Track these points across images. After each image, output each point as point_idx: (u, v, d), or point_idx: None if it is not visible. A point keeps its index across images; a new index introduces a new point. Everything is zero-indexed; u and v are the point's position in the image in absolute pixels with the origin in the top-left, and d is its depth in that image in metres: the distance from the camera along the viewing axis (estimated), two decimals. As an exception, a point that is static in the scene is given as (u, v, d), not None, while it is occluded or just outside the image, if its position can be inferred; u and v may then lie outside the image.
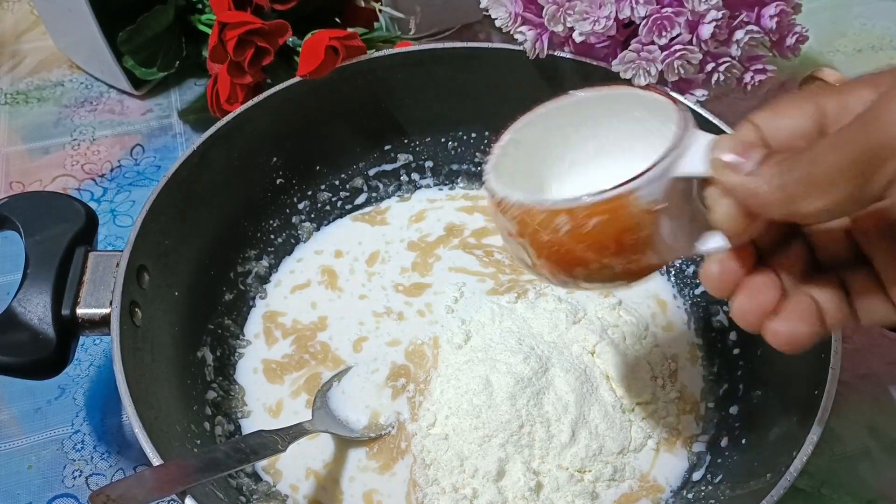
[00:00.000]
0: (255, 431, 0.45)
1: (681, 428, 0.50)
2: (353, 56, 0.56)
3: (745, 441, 0.47)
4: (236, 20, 0.56)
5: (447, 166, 0.63)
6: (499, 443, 0.46)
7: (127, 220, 0.63)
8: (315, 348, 0.54)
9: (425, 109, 0.60)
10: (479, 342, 0.51)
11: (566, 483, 0.46)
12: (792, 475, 0.38)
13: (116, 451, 0.50)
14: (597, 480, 0.47)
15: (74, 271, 0.44)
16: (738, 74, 0.53)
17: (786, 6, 0.53)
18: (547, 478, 0.46)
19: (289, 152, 0.57)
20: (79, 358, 0.54)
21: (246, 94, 0.58)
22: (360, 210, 0.62)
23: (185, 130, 0.70)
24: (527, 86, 0.58)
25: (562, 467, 0.47)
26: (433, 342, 0.53)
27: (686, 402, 0.51)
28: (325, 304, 0.56)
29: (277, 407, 0.51)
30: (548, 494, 0.46)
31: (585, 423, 0.48)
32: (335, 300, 0.56)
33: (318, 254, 0.59)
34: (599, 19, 0.50)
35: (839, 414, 0.51)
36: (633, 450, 0.48)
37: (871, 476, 0.50)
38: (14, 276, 0.50)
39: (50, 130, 0.71)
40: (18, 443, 0.51)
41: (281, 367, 0.53)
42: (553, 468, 0.46)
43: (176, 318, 0.49)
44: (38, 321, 0.42)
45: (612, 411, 0.49)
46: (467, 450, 0.46)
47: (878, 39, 0.80)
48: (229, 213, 0.55)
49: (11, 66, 0.77)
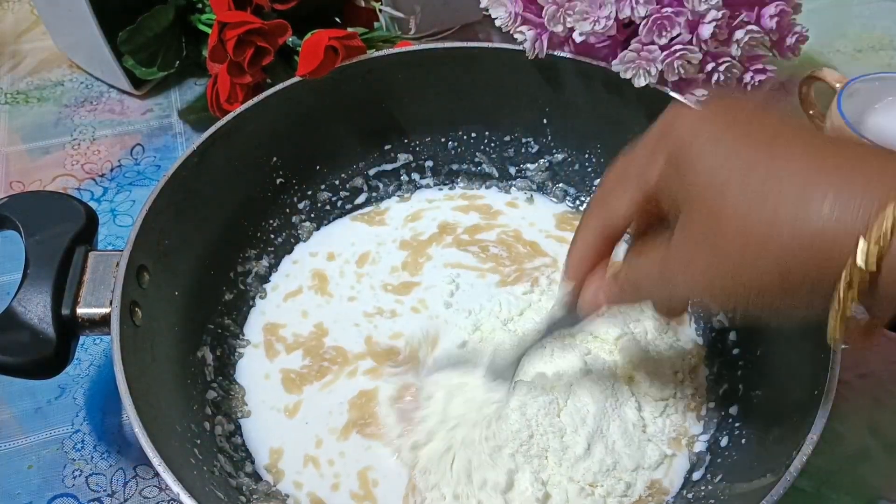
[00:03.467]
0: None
1: (686, 426, 0.50)
2: (353, 56, 0.56)
3: (745, 441, 0.47)
4: (236, 20, 0.56)
5: (447, 166, 0.63)
6: (509, 453, 0.46)
7: (127, 219, 0.63)
8: (330, 354, 0.53)
9: (425, 109, 0.60)
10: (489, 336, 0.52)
11: (575, 496, 0.45)
12: (792, 475, 0.38)
13: (117, 451, 0.50)
14: (608, 495, 0.46)
15: (74, 271, 0.44)
16: (738, 74, 0.53)
17: (786, 6, 0.53)
18: (556, 489, 0.46)
19: (289, 152, 0.57)
20: (79, 357, 0.54)
21: (246, 93, 0.58)
22: (360, 210, 0.62)
23: (185, 130, 0.70)
24: (527, 86, 0.58)
25: (573, 480, 0.46)
26: (431, 340, 0.53)
27: (692, 399, 0.51)
28: (316, 311, 0.55)
29: (295, 407, 0.51)
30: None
31: (602, 438, 0.47)
32: (324, 305, 0.56)
33: (313, 256, 0.59)
34: (599, 19, 0.50)
35: (839, 414, 0.51)
36: (648, 467, 0.47)
37: (871, 476, 0.50)
38: (14, 275, 0.50)
39: (50, 130, 0.71)
40: (18, 442, 0.51)
41: (301, 378, 0.52)
42: (563, 480, 0.46)
43: (176, 318, 0.49)
44: (38, 321, 0.42)
45: (631, 430, 0.48)
46: (476, 461, 0.46)
47: (878, 39, 0.80)
48: (229, 212, 0.55)
49: (11, 65, 0.77)
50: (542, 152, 0.62)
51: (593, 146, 0.60)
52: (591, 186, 0.61)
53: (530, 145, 0.62)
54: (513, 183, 0.63)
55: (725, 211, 0.30)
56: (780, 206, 0.29)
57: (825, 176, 0.28)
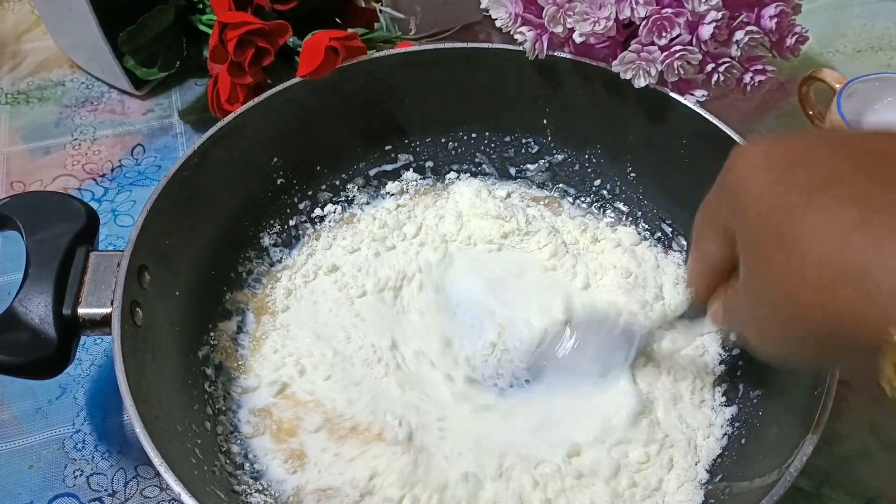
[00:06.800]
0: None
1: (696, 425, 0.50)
2: (354, 56, 0.56)
3: (745, 441, 0.47)
4: (237, 20, 0.56)
5: (447, 166, 0.63)
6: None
7: (128, 219, 0.63)
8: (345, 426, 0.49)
9: (426, 109, 0.60)
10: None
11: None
12: (792, 475, 0.38)
13: (117, 451, 0.50)
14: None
15: (75, 271, 0.44)
16: (737, 75, 0.53)
17: (786, 6, 0.53)
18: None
19: (289, 152, 0.58)
20: (80, 357, 0.54)
21: (246, 94, 0.58)
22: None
23: (185, 130, 0.70)
24: (527, 86, 0.58)
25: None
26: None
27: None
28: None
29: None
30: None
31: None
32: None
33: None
34: (599, 20, 0.50)
35: (839, 414, 0.51)
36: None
37: (871, 476, 0.50)
38: (15, 275, 0.50)
39: (51, 130, 0.71)
40: (19, 442, 0.51)
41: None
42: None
43: (177, 318, 0.49)
44: (39, 321, 0.42)
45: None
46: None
47: (878, 39, 0.80)
48: (230, 212, 0.55)
49: (12, 66, 0.77)
50: (542, 153, 0.62)
51: (593, 146, 0.60)
52: (591, 186, 0.61)
53: (530, 146, 0.62)
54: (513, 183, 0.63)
55: (771, 264, 0.29)
56: (824, 263, 0.27)
57: (869, 230, 0.26)
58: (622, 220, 0.60)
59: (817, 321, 0.28)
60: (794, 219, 0.28)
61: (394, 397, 0.50)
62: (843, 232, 0.27)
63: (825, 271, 0.27)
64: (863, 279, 0.26)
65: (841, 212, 0.27)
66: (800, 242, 0.28)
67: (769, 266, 0.29)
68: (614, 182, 0.60)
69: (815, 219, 0.27)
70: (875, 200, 0.27)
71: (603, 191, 0.61)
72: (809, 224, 0.28)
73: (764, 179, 0.30)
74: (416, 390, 0.50)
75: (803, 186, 0.29)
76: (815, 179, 0.29)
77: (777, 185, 0.30)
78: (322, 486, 0.47)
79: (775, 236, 0.29)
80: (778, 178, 0.30)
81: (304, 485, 0.47)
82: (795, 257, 0.28)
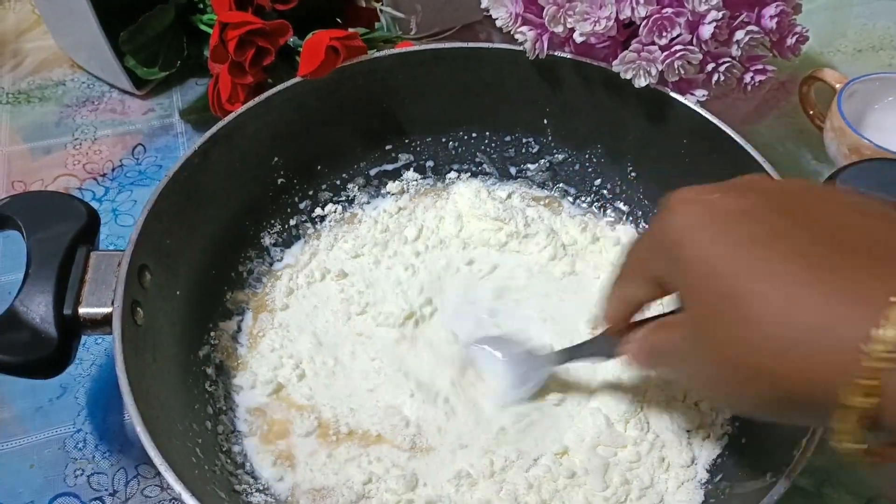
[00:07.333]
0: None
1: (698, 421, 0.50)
2: (354, 56, 0.56)
3: (745, 441, 0.47)
4: (237, 20, 0.56)
5: (448, 166, 0.63)
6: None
7: (128, 219, 0.63)
8: (341, 431, 0.49)
9: (426, 109, 0.60)
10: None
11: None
12: (792, 475, 0.38)
13: (118, 450, 0.50)
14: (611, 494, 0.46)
15: (76, 271, 0.44)
16: (738, 74, 0.53)
17: (786, 6, 0.53)
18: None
19: (290, 152, 0.58)
20: (80, 357, 0.54)
21: (247, 93, 0.58)
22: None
23: (186, 130, 0.70)
24: (527, 86, 0.58)
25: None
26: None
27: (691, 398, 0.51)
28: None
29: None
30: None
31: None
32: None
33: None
34: (600, 20, 0.50)
35: (839, 413, 0.51)
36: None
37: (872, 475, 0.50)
38: (16, 275, 0.50)
39: (51, 130, 0.71)
40: (20, 442, 0.51)
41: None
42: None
43: (177, 318, 0.49)
44: (39, 320, 0.42)
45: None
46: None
47: (878, 39, 0.80)
48: (230, 212, 0.55)
49: (13, 65, 0.77)
50: (543, 152, 0.62)
51: (593, 146, 0.60)
52: (591, 186, 0.61)
53: (531, 145, 0.62)
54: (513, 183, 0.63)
55: (722, 325, 0.29)
56: (775, 324, 0.27)
57: (818, 289, 0.26)
58: (622, 219, 0.60)
59: (771, 385, 0.27)
60: (743, 277, 0.28)
61: (399, 403, 0.50)
62: (791, 292, 0.27)
63: (777, 333, 0.27)
64: (813, 340, 0.26)
65: (789, 268, 0.27)
66: (751, 303, 0.27)
67: (719, 328, 0.29)
68: (615, 181, 0.60)
69: (762, 277, 0.27)
70: (819, 258, 0.27)
71: (603, 190, 0.61)
72: (758, 282, 0.27)
73: (705, 236, 0.30)
74: (421, 393, 0.50)
75: (747, 242, 0.28)
76: (758, 235, 0.29)
77: (720, 242, 0.29)
78: (316, 486, 0.47)
79: (726, 296, 0.28)
80: (720, 234, 0.29)
81: (300, 483, 0.47)
82: (746, 319, 0.27)
